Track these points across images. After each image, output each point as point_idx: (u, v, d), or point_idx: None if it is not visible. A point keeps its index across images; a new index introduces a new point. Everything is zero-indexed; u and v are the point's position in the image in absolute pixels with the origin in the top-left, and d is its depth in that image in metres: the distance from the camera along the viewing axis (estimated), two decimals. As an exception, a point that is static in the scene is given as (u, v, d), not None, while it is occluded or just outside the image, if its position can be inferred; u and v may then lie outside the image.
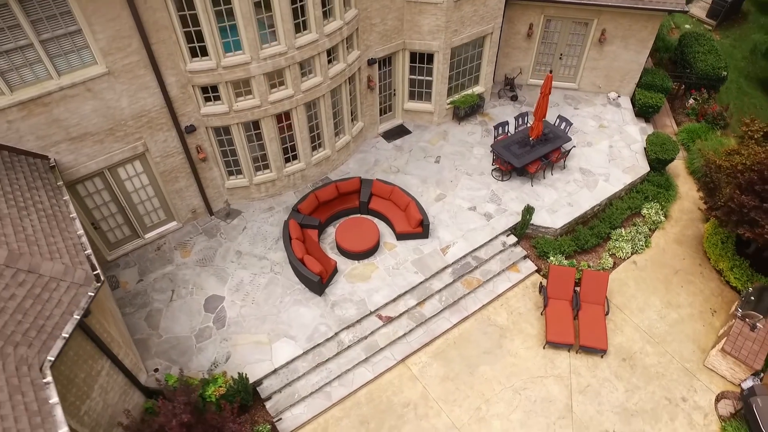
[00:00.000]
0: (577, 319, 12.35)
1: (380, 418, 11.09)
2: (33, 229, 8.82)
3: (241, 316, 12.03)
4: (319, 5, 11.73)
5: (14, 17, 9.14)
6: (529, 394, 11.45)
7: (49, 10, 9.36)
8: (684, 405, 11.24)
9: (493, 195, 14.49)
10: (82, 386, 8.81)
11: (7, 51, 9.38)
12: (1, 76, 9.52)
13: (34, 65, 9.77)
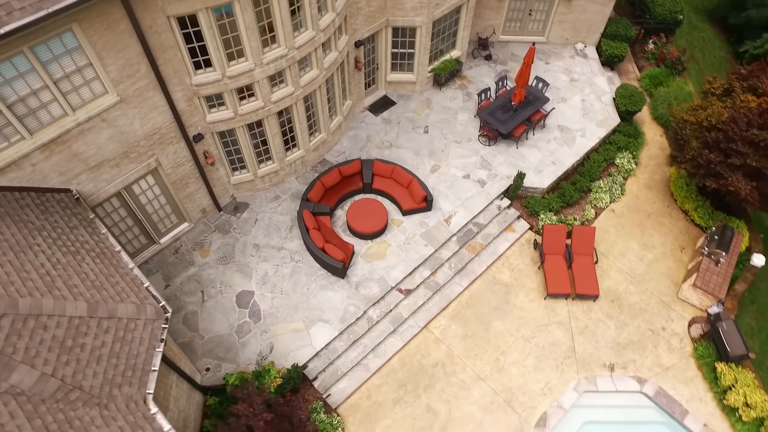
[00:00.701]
0: (570, 270, 14.25)
1: (414, 379, 12.84)
2: (94, 273, 9.42)
3: (274, 307, 13.16)
4: (315, 2, 12.00)
5: (29, 63, 9.14)
6: (537, 341, 13.45)
7: (59, 50, 9.36)
8: (663, 333, 13.59)
9: (483, 161, 15.75)
10: (163, 402, 9.91)
11: (24, 96, 9.42)
12: (20, 122, 9.62)
13: (49, 105, 9.84)
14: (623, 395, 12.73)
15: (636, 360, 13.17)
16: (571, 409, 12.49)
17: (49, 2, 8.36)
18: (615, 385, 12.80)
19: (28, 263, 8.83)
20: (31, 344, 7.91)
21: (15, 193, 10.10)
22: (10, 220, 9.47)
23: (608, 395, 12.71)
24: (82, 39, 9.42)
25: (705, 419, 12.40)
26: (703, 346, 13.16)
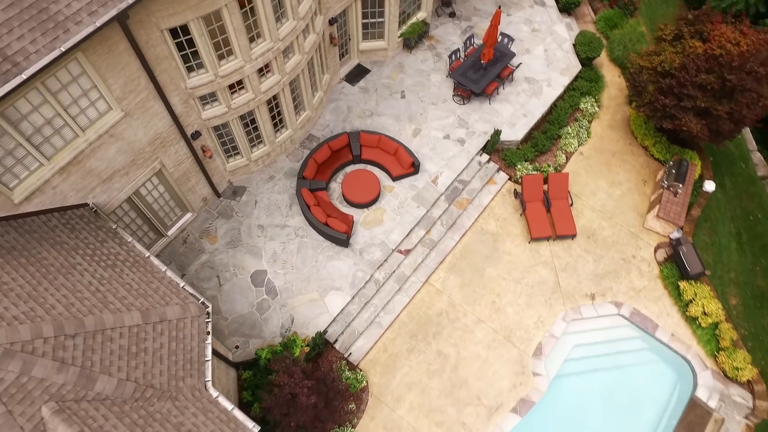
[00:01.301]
0: (549, 213, 15.85)
1: (423, 329, 14.50)
2: (136, 283, 10.40)
3: (287, 282, 14.39)
4: (292, -7, 12.48)
5: (41, 96, 9.62)
6: (526, 281, 15.21)
7: (66, 79, 9.83)
8: (634, 260, 15.55)
9: (460, 120, 16.85)
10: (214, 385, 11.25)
11: (39, 127, 9.94)
12: (37, 150, 10.17)
13: (61, 131, 10.38)
14: (604, 319, 14.77)
15: (612, 287, 15.14)
16: (561, 336, 14.47)
17: (59, 41, 8.84)
18: (596, 311, 14.80)
19: (78, 283, 9.75)
20: (104, 356, 9.01)
21: (42, 217, 10.80)
22: (47, 245, 10.25)
23: (591, 320, 14.72)
24: (86, 65, 9.90)
25: (672, 330, 14.60)
26: (668, 268, 15.20)
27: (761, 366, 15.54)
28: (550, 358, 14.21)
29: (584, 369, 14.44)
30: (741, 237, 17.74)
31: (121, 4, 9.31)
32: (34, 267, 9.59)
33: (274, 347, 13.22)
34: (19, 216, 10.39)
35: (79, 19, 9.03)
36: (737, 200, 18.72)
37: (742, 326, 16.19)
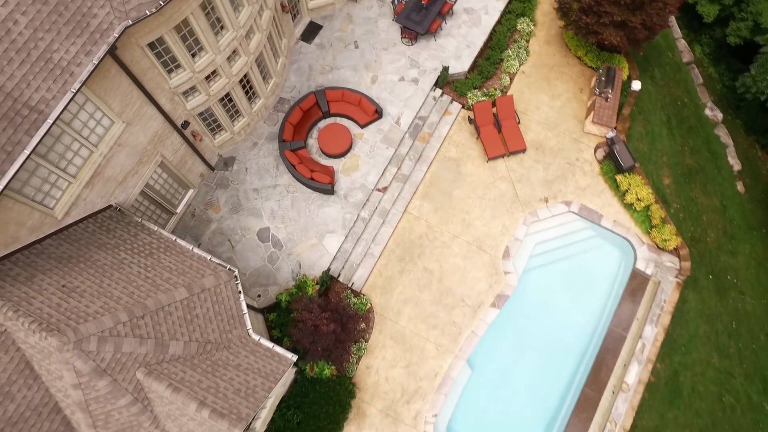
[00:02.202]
0: (501, 134, 18.21)
1: (409, 252, 17.31)
2: (173, 264, 12.81)
3: (289, 234, 16.89)
4: (244, -16, 13.86)
5: (60, 129, 11.43)
6: (489, 196, 17.89)
7: (75, 108, 11.59)
8: (578, 163, 18.24)
9: (410, 61, 18.65)
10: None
11: (62, 153, 11.82)
12: (64, 171, 12.11)
13: (79, 151, 12.25)
14: (558, 217, 17.70)
15: (562, 189, 17.93)
16: (524, 238, 17.44)
17: (69, 83, 10.57)
18: (551, 212, 17.68)
19: (130, 275, 12.14)
20: (168, 327, 11.62)
21: (80, 225, 12.93)
22: (94, 248, 12.50)
23: (547, 220, 17.65)
24: (89, 94, 11.63)
25: (614, 217, 17.64)
26: (606, 165, 17.95)
27: (690, 231, 18.88)
28: (516, 257, 17.26)
29: (546, 261, 17.59)
30: (671, 122, 20.46)
31: (109, 38, 10.95)
32: (92, 269, 11.92)
33: (290, 290, 15.98)
34: (64, 229, 12.53)
35: (79, 61, 10.71)
36: (666, 89, 21.25)
37: (676, 201, 19.35)
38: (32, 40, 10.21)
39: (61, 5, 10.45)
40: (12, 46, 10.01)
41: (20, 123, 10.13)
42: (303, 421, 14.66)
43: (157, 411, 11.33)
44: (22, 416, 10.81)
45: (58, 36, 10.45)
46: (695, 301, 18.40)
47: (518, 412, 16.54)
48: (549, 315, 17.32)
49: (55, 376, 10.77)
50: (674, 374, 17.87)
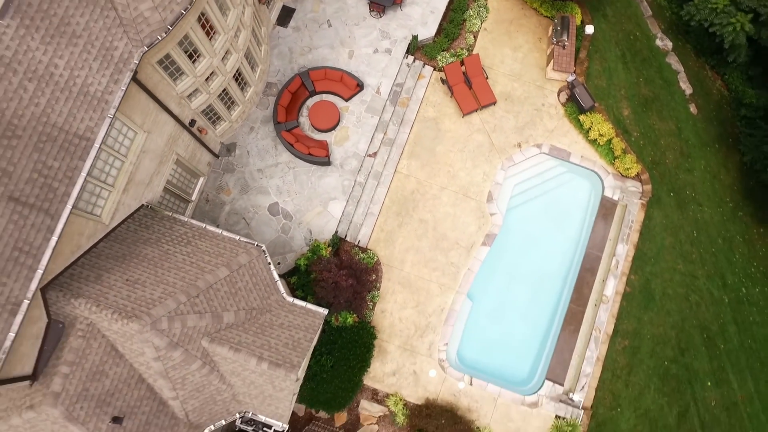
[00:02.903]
0: (472, 90, 20.61)
1: (404, 207, 20.01)
2: (209, 248, 15.36)
3: (296, 205, 19.43)
4: (228, -10, 15.77)
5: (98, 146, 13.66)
6: (468, 148, 20.48)
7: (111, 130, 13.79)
8: (544, 108, 20.81)
9: (381, 33, 20.74)
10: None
11: (101, 168, 14.09)
12: (105, 183, 14.40)
13: (114, 163, 14.51)
14: (531, 159, 20.44)
15: (532, 133, 20.59)
16: (504, 181, 20.21)
17: (106, 110, 12.76)
18: (524, 155, 20.40)
19: (177, 262, 14.70)
20: (219, 301, 14.31)
21: (123, 226, 15.33)
22: (140, 244, 14.97)
23: (522, 163, 20.39)
24: (118, 114, 13.80)
25: (581, 153, 20.44)
26: (569, 107, 20.57)
27: (651, 156, 21.79)
28: (499, 199, 20.08)
29: (525, 200, 20.46)
30: (625, 57, 22.99)
31: (131, 66, 13.08)
32: (144, 262, 14.46)
33: (306, 255, 18.67)
34: (111, 231, 14.95)
35: (111, 90, 12.87)
36: (618, 25, 23.63)
37: (635, 130, 22.15)
38: (71, 78, 12.34)
39: (88, 44, 12.51)
40: (56, 87, 12.15)
41: (74, 151, 12.40)
42: (335, 364, 17.69)
43: (223, 370, 14.19)
44: (117, 388, 13.58)
45: (90, 71, 12.56)
46: (659, 217, 21.53)
47: (515, 333, 19.80)
48: (533, 246, 20.35)
49: (138, 353, 13.50)
50: (646, 283, 21.20)
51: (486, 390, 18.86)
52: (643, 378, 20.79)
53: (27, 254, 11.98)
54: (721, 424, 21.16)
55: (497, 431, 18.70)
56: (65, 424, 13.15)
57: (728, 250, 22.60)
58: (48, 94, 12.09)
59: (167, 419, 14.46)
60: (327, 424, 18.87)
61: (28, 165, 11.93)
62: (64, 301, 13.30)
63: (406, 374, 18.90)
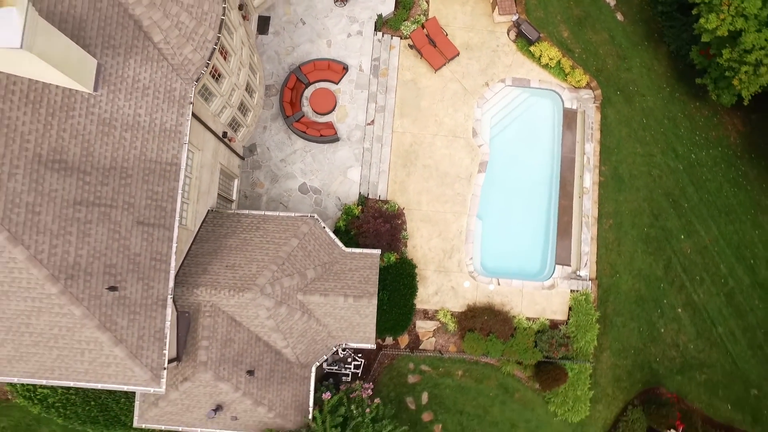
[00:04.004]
0: (437, 48, 24.76)
1: (408, 159, 24.31)
2: (274, 227, 19.49)
3: (321, 181, 23.56)
4: (233, 10, 19.47)
5: (176, 170, 17.54)
6: (447, 97, 24.78)
7: (177, 153, 17.65)
8: (499, 48, 25.15)
9: (349, 19, 24.61)
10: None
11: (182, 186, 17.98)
12: (186, 198, 18.30)
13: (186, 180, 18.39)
14: (499, 93, 24.90)
15: (495, 71, 24.99)
16: (482, 117, 24.67)
17: (182, 140, 16.62)
18: (493, 91, 24.84)
19: (257, 245, 18.83)
20: (300, 264, 18.58)
21: (202, 229, 19.32)
22: (222, 239, 19.03)
23: (493, 98, 24.85)
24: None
25: (538, 78, 24.98)
26: (520, 42, 24.96)
27: (594, 65, 26.44)
28: (482, 133, 24.56)
29: (503, 127, 25.03)
30: (553, -14, 27.38)
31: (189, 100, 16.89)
32: (233, 250, 18.58)
33: (341, 218, 22.92)
34: (195, 236, 18.96)
35: (181, 122, 16.71)
36: (540, -39, 27.91)
37: (577, 47, 26.72)
38: (152, 121, 16.15)
39: (156, 91, 16.28)
40: (144, 130, 15.95)
41: (168, 176, 16.33)
42: (390, 297, 22.17)
43: (317, 314, 18.59)
44: (243, 349, 17.88)
45: (163, 112, 16.38)
46: (613, 114, 26.37)
47: (522, 235, 24.65)
48: (518, 163, 25.03)
49: (252, 318, 17.76)
50: (615, 170, 26.16)
51: (512, 286, 23.76)
52: (630, 246, 25.99)
53: (160, 261, 16.05)
54: (698, 265, 26.64)
55: (528, 314, 23.70)
56: (215, 384, 17.48)
57: (674, 127, 27.66)
58: (140, 137, 15.92)
59: (284, 364, 18.87)
60: (395, 348, 23.56)
61: (142, 194, 15.87)
62: (187, 294, 17.44)
63: (446, 290, 23.63)
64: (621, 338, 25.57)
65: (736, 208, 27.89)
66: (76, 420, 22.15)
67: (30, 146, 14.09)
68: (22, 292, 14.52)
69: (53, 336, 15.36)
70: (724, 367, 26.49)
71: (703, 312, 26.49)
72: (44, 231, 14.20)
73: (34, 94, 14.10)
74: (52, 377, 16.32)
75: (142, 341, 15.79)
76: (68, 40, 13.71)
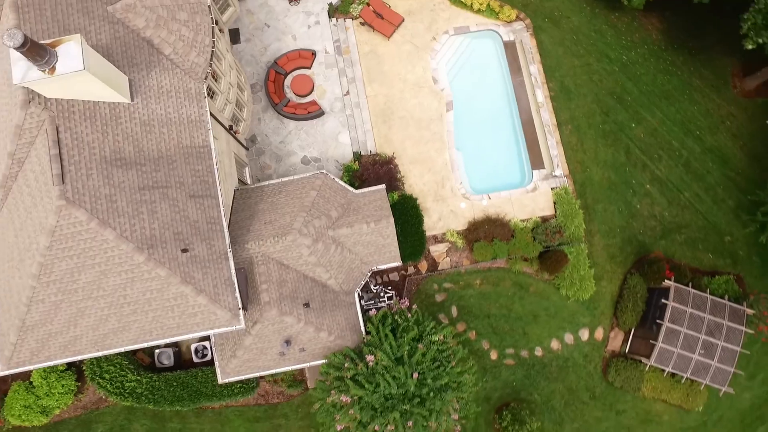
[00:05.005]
0: (384, 19, 29.22)
1: (386, 115, 28.60)
2: (294, 188, 23.62)
3: (318, 150, 27.78)
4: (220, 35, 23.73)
5: (205, 156, 21.65)
6: (403, 57, 29.18)
7: (201, 143, 21.78)
8: (436, 6, 29.68)
9: (305, 13, 29.02)
10: (345, 202, 25.35)
11: (209, 169, 22.08)
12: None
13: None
14: (446, 43, 29.39)
15: (438, 26, 29.51)
16: (437, 66, 29.10)
17: (206, 127, 20.76)
18: (441, 43, 29.32)
19: (283, 203, 22.92)
20: (322, 207, 22.70)
21: (234, 203, 23.37)
22: (254, 205, 23.08)
23: (442, 49, 29.33)
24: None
25: (475, 22, 29.55)
26: (451, -5, 29.63)
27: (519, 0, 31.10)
28: (440, 78, 29.04)
29: (458, 69, 29.54)
30: (466, -54, 32.07)
31: (203, 95, 21.03)
32: (266, 212, 22.66)
33: (344, 175, 27.07)
34: (231, 209, 23.00)
35: (202, 114, 20.81)
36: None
37: (499, -11, 31.37)
38: (179, 116, 20.20)
39: (177, 92, 20.34)
40: (177, 124, 20.02)
41: (204, 156, 20.39)
42: (403, 229, 26.23)
43: (348, 244, 22.67)
44: (295, 287, 21.87)
45: (186, 108, 20.46)
46: (546, 38, 31.00)
47: (498, 154, 29.10)
48: (478, 96, 29.53)
49: (296, 257, 21.79)
50: (561, 83, 30.74)
51: (501, 197, 28.09)
52: (592, 143, 30.50)
53: (214, 223, 20.09)
54: (653, 146, 31.23)
55: (521, 216, 28.02)
56: (281, 319, 21.44)
57: (601, 37, 32.36)
58: (174, 130, 20.01)
59: (331, 294, 22.90)
60: (417, 274, 27.66)
61: (187, 174, 19.93)
62: (239, 251, 21.46)
63: (447, 215, 27.87)
64: (605, 221, 29.97)
65: (672, 92, 32.60)
66: (164, 403, 25.86)
67: (96, 151, 18.12)
68: (116, 267, 18.40)
69: (147, 300, 19.23)
70: (698, 224, 30.99)
71: (668, 183, 31.04)
72: (122, 214, 18.17)
73: (89, 111, 18.18)
74: (151, 338, 20.13)
75: (217, 289, 19.73)
76: (108, 62, 17.84)
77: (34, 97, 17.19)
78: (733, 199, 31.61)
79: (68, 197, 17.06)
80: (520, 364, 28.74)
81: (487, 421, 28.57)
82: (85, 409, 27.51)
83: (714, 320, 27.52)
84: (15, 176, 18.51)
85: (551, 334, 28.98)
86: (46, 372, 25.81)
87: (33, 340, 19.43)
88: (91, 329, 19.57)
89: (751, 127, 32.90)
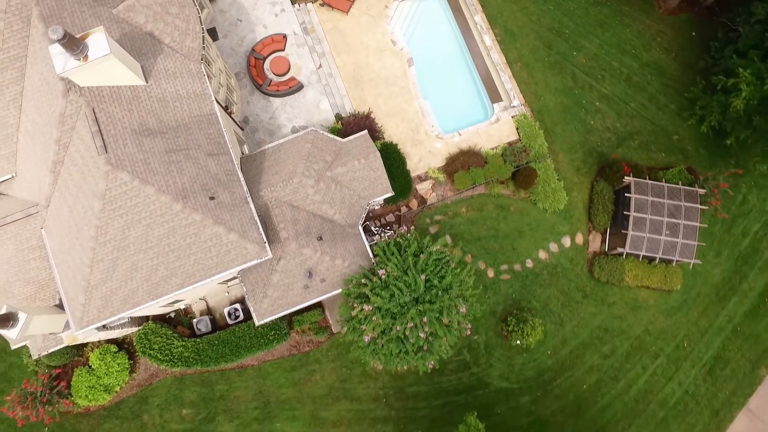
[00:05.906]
0: (341, -4, 34.00)
1: (357, 80, 33.14)
2: (291, 145, 28.05)
3: (304, 119, 32.19)
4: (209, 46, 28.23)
5: (212, 126, 26.05)
6: (362, 26, 33.84)
7: (206, 116, 26.18)
8: (383, -22, 34.55)
9: (270, 3, 33.59)
10: (336, 154, 29.80)
11: (217, 138, 26.47)
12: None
13: (218, 135, 26.86)
14: (398, 9, 34.12)
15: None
16: (393, 29, 33.82)
17: (210, 99, 25.18)
18: (392, 8, 34.03)
19: (284, 158, 27.30)
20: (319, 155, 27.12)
21: (243, 166, 27.71)
22: (260, 164, 27.43)
23: (395, 14, 34.06)
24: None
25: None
26: (395, -33, 34.42)
27: (454, -37, 35.99)
28: (398, 40, 33.73)
29: (412, 29, 34.28)
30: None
31: (202, 73, 25.46)
32: (271, 167, 27.01)
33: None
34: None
35: (204, 88, 25.21)
36: None
37: (436, -43, 36.27)
38: (188, 91, 24.56)
39: (183, 73, 24.73)
40: (187, 97, 24.35)
41: (212, 122, 24.74)
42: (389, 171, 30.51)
43: (345, 181, 27.04)
44: (307, 223, 26.14)
45: (192, 85, 24.83)
46: (484, -9, 35.96)
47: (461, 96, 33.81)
48: (434, 50, 34.27)
49: (304, 197, 26.10)
50: (505, 27, 35.59)
51: (470, 132, 32.70)
52: (541, 75, 35.32)
53: (231, 174, 24.40)
54: (595, 68, 36.12)
55: (490, 145, 32.63)
56: (300, 251, 25.69)
57: (534, -17, 37.46)
58: (185, 103, 24.35)
59: (339, 227, 27.21)
60: (410, 212, 32.08)
61: (203, 137, 24.25)
62: (255, 200, 25.73)
63: (426, 155, 32.41)
64: (565, 140, 34.69)
65: (605, 21, 37.59)
66: (210, 362, 29.74)
67: (126, 125, 22.39)
68: (158, 219, 22.55)
69: (187, 245, 23.35)
70: (647, 129, 35.83)
71: (614, 98, 35.90)
72: (157, 173, 22.40)
73: (114, 94, 22.48)
74: (195, 280, 24.18)
75: (244, 227, 23.95)
76: (124, 51, 22.23)
77: (71, 87, 21.46)
78: (674, 104, 36.53)
79: (113, 163, 21.26)
80: (515, 277, 33.13)
81: (496, 332, 32.80)
82: (140, 386, 31.17)
83: (673, 203, 32.24)
84: (62, 161, 22.73)
85: (537, 246, 33.46)
86: (102, 353, 29.64)
87: (98, 298, 23.43)
88: (145, 280, 23.63)
89: (680, 39, 37.96)
